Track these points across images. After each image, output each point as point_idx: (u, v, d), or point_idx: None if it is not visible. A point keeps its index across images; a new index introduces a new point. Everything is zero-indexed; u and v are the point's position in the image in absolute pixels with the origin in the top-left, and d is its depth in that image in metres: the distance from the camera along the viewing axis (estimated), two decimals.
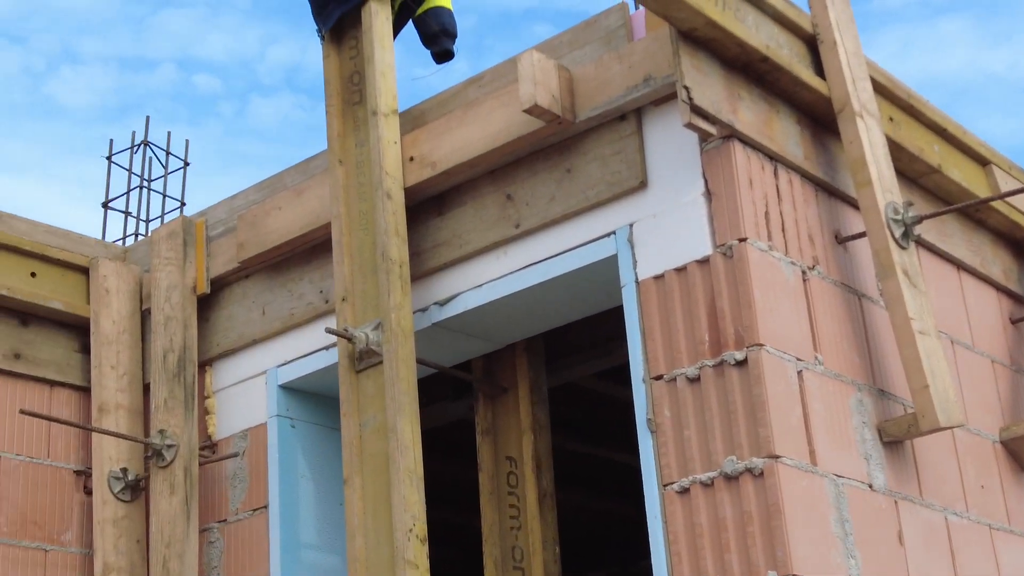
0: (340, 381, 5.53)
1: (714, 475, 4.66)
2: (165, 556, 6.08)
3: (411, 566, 5.07)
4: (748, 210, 4.84)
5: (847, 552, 4.70)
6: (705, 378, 4.76)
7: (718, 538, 4.60)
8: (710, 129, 4.82)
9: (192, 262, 6.54)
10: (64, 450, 6.54)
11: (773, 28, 5.18)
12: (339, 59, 5.99)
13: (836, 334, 5.08)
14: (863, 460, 4.96)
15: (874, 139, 5.22)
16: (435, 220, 5.71)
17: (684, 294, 4.89)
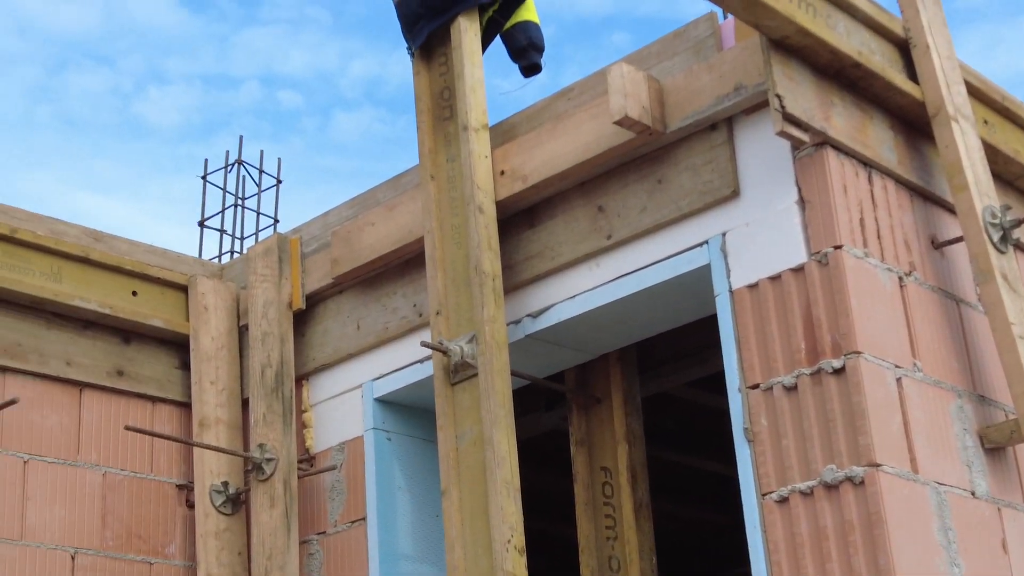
0: (436, 394, 5.49)
1: (813, 484, 4.57)
2: (267, 568, 6.07)
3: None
4: (843, 217, 4.74)
5: (950, 560, 4.59)
6: (802, 387, 4.67)
7: (819, 547, 4.51)
8: (803, 137, 4.74)
9: (288, 278, 6.53)
10: (167, 465, 6.55)
11: (864, 33, 5.08)
12: (429, 75, 5.95)
13: (935, 340, 4.96)
14: (965, 467, 4.84)
15: (970, 143, 5.10)
16: (527, 233, 5.65)
17: (779, 303, 4.80)
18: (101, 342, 6.47)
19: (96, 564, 6.15)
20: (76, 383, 6.34)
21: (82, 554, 6.13)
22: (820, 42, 4.79)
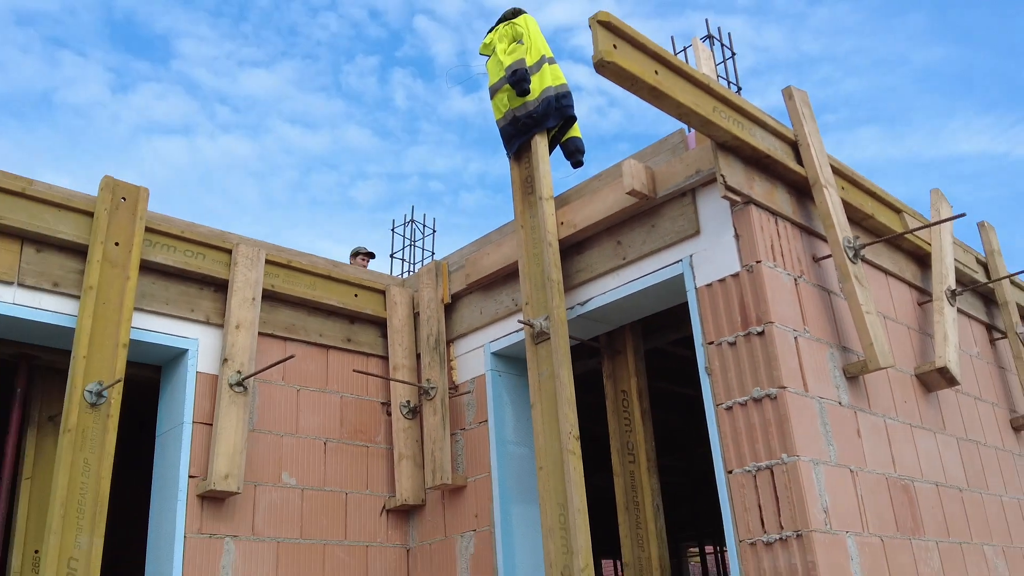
0: (526, 350, 5.37)
1: (747, 399, 4.39)
2: (432, 449, 5.98)
3: (571, 453, 4.88)
4: (761, 244, 4.56)
5: (827, 443, 4.40)
6: (739, 343, 4.50)
7: (751, 435, 4.36)
8: (737, 198, 4.58)
9: (440, 286, 6.43)
10: (375, 391, 6.48)
11: (771, 138, 4.89)
12: (519, 169, 5.83)
13: (816, 315, 4.75)
14: (835, 388, 4.63)
15: (834, 200, 4.89)
16: (576, 257, 5.51)
17: (725, 294, 4.63)
18: (338, 323, 6.41)
19: (338, 447, 6.09)
20: (324, 346, 6.28)
21: (330, 442, 6.07)
22: (746, 144, 4.63)
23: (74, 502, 4.64)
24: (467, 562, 5.72)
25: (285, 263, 6.10)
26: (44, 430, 5.51)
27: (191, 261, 5.60)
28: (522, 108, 5.69)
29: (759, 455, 4.29)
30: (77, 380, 4.80)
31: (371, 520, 6.07)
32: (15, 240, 4.99)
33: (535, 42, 5.82)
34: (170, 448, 5.41)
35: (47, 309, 5.02)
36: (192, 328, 5.60)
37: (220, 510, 5.34)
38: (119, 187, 5.33)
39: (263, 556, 5.44)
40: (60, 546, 4.52)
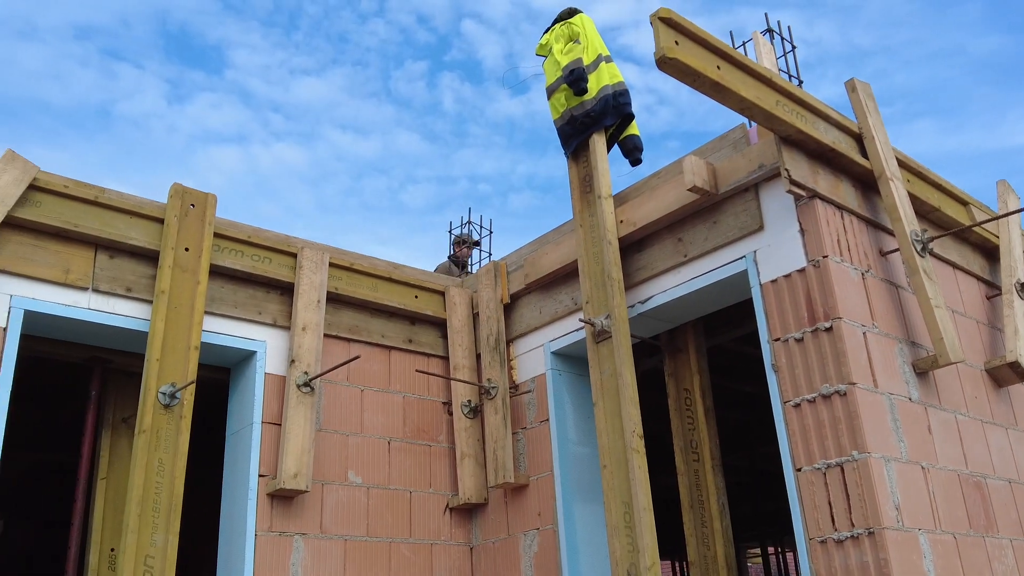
0: (588, 348, 5.37)
1: (816, 395, 4.34)
2: (494, 448, 6.02)
3: (635, 452, 4.87)
4: (827, 239, 4.51)
5: (899, 439, 4.33)
6: (806, 339, 4.45)
7: (820, 432, 4.30)
8: (802, 192, 4.53)
9: (499, 286, 6.47)
10: (436, 391, 6.54)
11: (835, 131, 4.83)
12: (577, 168, 5.84)
13: (884, 310, 4.68)
14: (904, 384, 4.56)
15: (900, 193, 4.81)
16: (635, 255, 5.50)
17: (790, 290, 4.58)
18: (400, 324, 6.49)
19: (401, 447, 6.17)
20: (387, 347, 6.36)
21: (393, 441, 6.15)
22: (810, 137, 4.58)
23: (150, 501, 4.77)
24: (531, 560, 5.75)
25: (348, 266, 6.20)
26: (118, 431, 5.67)
27: (258, 265, 5.73)
28: (580, 107, 5.70)
29: (829, 452, 4.24)
30: (151, 382, 4.94)
31: (435, 518, 6.13)
32: (89, 247, 5.15)
33: (592, 41, 5.83)
34: (240, 448, 5.53)
35: (120, 314, 5.17)
36: (260, 330, 5.72)
37: (289, 508, 5.44)
38: (188, 194, 5.47)
39: (331, 554, 5.53)
40: (137, 544, 4.66)
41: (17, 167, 4.88)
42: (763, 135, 4.86)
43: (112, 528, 5.43)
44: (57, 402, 7.52)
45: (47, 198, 5.01)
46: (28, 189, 4.92)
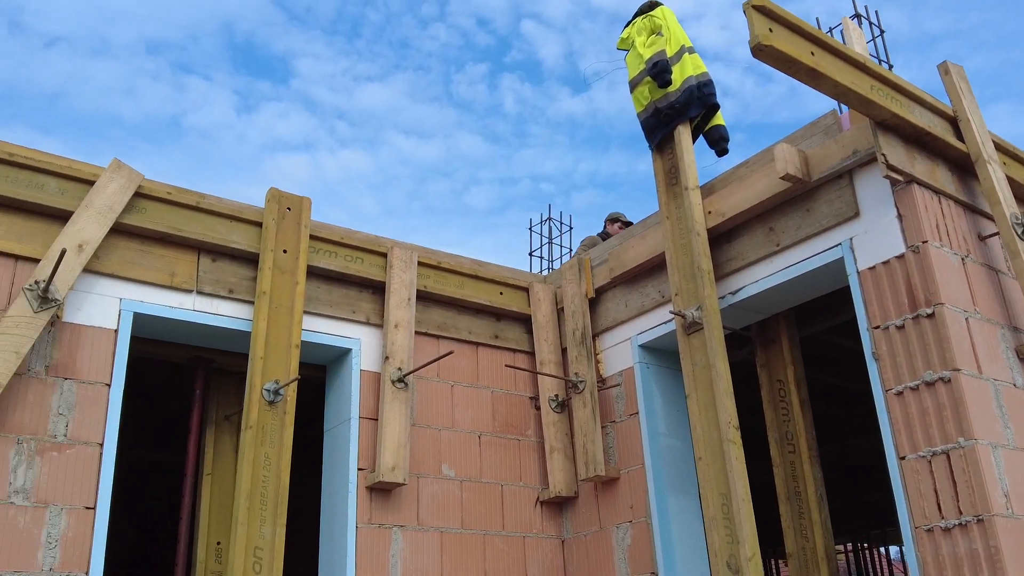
0: (679, 340, 5.41)
1: (919, 383, 4.31)
2: (583, 442, 6.10)
3: (732, 443, 4.90)
4: (926, 224, 4.48)
5: (1004, 425, 4.29)
6: (907, 326, 4.42)
7: (924, 420, 4.27)
8: (899, 177, 4.50)
9: (583, 280, 6.54)
10: (523, 385, 6.64)
11: (930, 115, 4.79)
12: (662, 160, 5.88)
13: (985, 295, 4.62)
14: (1008, 369, 4.51)
15: (998, 176, 4.75)
16: (725, 246, 5.52)
17: (889, 277, 4.56)
18: (486, 320, 6.61)
19: (491, 441, 6.28)
20: (474, 343, 6.48)
21: (484, 435, 6.27)
22: (905, 121, 4.55)
23: (257, 494, 4.97)
24: (624, 553, 5.81)
25: (435, 264, 6.34)
26: (221, 428, 5.91)
27: (350, 265, 5.91)
28: (664, 99, 5.74)
29: (933, 440, 4.21)
30: (256, 379, 5.15)
31: (526, 511, 6.24)
32: (192, 251, 5.39)
33: (674, 33, 5.86)
34: (338, 443, 5.71)
35: (223, 314, 5.39)
36: (354, 328, 5.90)
37: (387, 501, 5.60)
38: (284, 198, 5.67)
39: (428, 545, 5.68)
40: (247, 536, 4.86)
41: (123, 175, 5.14)
42: (855, 121, 4.84)
43: (217, 522, 5.66)
44: (155, 401, 7.83)
45: (151, 204, 5.26)
46: (133, 196, 5.17)
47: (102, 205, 4.96)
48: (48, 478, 4.55)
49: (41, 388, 4.68)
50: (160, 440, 7.94)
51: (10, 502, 4.43)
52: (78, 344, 4.85)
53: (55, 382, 4.73)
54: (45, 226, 4.91)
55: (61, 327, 4.83)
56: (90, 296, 4.96)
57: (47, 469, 4.57)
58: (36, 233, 4.87)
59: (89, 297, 4.95)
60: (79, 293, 4.91)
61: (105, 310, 4.98)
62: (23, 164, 4.86)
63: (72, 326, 4.86)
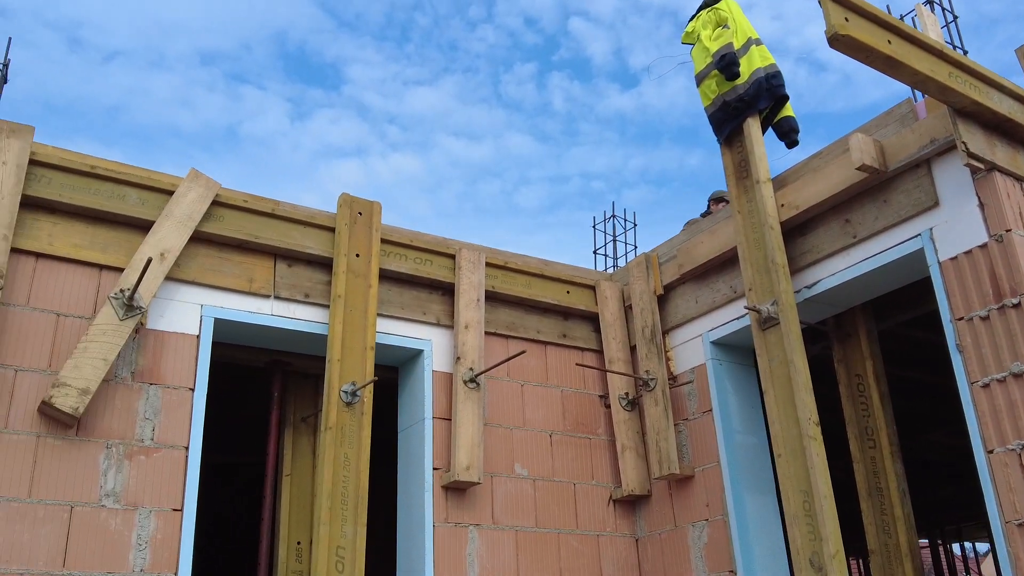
0: (754, 336, 5.37)
1: (1005, 375, 4.23)
2: (656, 440, 6.10)
3: (812, 439, 4.86)
4: (1009, 212, 4.40)
5: None
6: (992, 317, 4.34)
7: (1012, 413, 4.18)
8: (980, 165, 4.43)
9: (651, 277, 6.54)
10: (592, 384, 6.66)
11: (1010, 101, 4.69)
12: (731, 154, 5.85)
13: None
14: None
15: None
16: (799, 239, 5.47)
17: (972, 266, 4.48)
18: (553, 319, 6.64)
19: (562, 440, 6.31)
20: (542, 342, 6.52)
21: (555, 434, 6.30)
22: (985, 108, 4.47)
23: (338, 494, 5.08)
24: (701, 551, 5.79)
25: (502, 264, 6.40)
26: (299, 430, 6.05)
27: (420, 267, 5.99)
28: (732, 92, 5.71)
29: (1023, 432, 4.13)
30: (333, 381, 5.26)
31: (599, 510, 6.25)
32: (268, 257, 5.52)
33: (740, 24, 5.83)
34: (413, 443, 5.80)
35: (299, 318, 5.52)
36: (425, 330, 5.98)
37: (462, 500, 5.67)
38: (355, 203, 5.78)
39: (503, 544, 5.74)
40: (329, 536, 4.97)
41: (200, 185, 5.29)
42: (932, 108, 4.76)
43: (297, 522, 5.79)
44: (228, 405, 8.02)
45: (228, 212, 5.40)
46: (211, 205, 5.31)
47: (182, 214, 5.11)
48: (137, 481, 4.71)
49: (128, 394, 4.85)
50: (234, 443, 8.12)
51: (101, 505, 4.60)
52: (162, 350, 5.01)
53: (141, 388, 4.89)
54: (127, 236, 5.08)
55: (145, 334, 5.00)
56: (172, 303, 5.12)
57: (135, 472, 4.73)
58: (119, 243, 5.05)
59: (171, 304, 5.11)
60: (161, 300, 5.07)
61: (187, 316, 5.14)
62: (105, 176, 5.04)
63: (156, 333, 5.02)
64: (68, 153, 5.07)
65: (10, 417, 4.53)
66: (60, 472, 4.56)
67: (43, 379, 4.65)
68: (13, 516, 4.37)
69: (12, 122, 4.88)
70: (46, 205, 4.90)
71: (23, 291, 4.76)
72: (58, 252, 4.88)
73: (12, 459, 4.46)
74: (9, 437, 4.49)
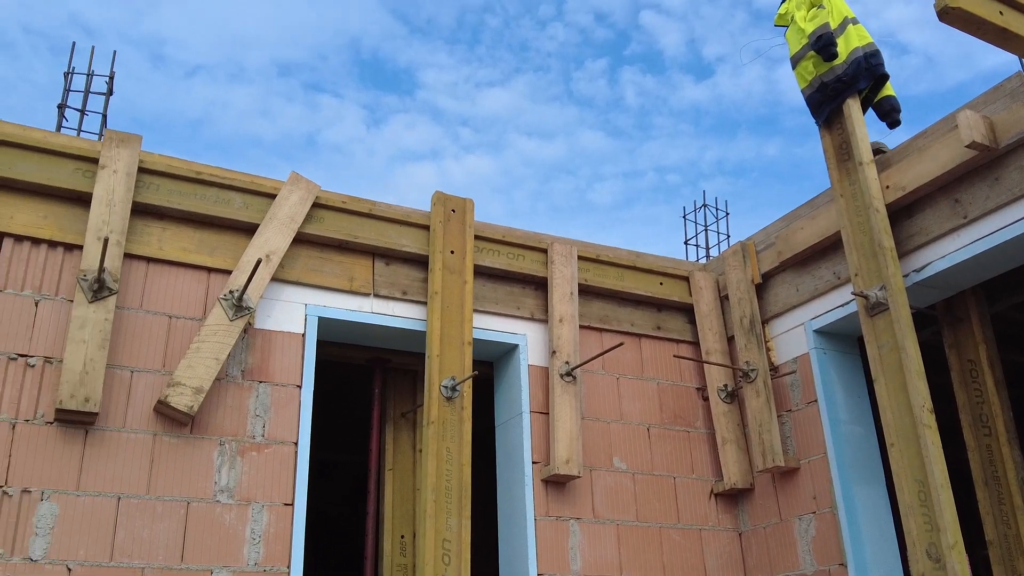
0: (862, 323, 5.25)
1: None
2: (759, 432, 6.01)
3: (926, 427, 4.74)
4: None
5: None
6: None
7: None
8: None
9: (748, 266, 6.45)
10: (688, 377, 6.61)
11: None
12: (831, 136, 5.72)
13: None
14: None
15: None
16: (904, 221, 5.33)
17: None
18: (646, 311, 6.61)
19: (660, 433, 6.28)
20: (637, 335, 6.49)
21: (652, 427, 6.28)
22: None
23: (442, 488, 5.16)
24: (808, 544, 5.69)
25: (594, 257, 6.40)
26: (398, 425, 6.16)
27: (513, 263, 6.04)
28: (830, 73, 5.59)
29: None
30: (434, 376, 5.34)
31: (700, 503, 6.20)
32: (367, 256, 5.64)
33: (835, 4, 5.70)
34: (512, 436, 5.85)
35: (397, 315, 5.63)
36: (519, 324, 6.03)
37: (562, 494, 5.70)
38: (448, 200, 5.86)
39: (605, 538, 5.74)
40: (435, 529, 5.05)
41: (301, 187, 5.44)
42: None
43: (400, 516, 5.90)
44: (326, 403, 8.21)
45: (328, 213, 5.54)
46: (311, 207, 5.46)
47: (285, 216, 5.27)
48: (249, 477, 4.88)
49: (238, 392, 5.02)
50: (333, 440, 8.31)
51: (216, 500, 4.78)
52: (269, 349, 5.17)
53: (251, 385, 5.06)
54: (232, 239, 5.26)
55: (253, 333, 5.16)
56: (277, 303, 5.28)
57: (248, 468, 4.89)
58: (225, 246, 5.23)
59: (277, 304, 5.27)
60: (267, 301, 5.24)
61: (292, 316, 5.29)
62: (210, 181, 5.22)
63: (263, 332, 5.19)
64: (174, 160, 5.27)
65: (128, 416, 4.74)
66: (176, 469, 4.75)
67: (157, 379, 4.85)
68: (133, 512, 4.58)
69: (121, 132, 5.11)
70: (155, 211, 5.11)
71: (136, 295, 4.98)
72: (168, 256, 5.09)
73: (131, 457, 4.67)
74: (128, 436, 4.70)
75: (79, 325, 4.60)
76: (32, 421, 4.56)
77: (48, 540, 4.40)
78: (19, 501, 4.41)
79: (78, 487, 4.53)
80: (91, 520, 4.50)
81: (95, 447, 4.61)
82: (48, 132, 5.13)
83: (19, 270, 4.80)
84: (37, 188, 4.88)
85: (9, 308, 4.71)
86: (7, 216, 4.82)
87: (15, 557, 4.32)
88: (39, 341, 4.71)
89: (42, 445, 4.53)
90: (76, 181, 4.93)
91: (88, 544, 4.46)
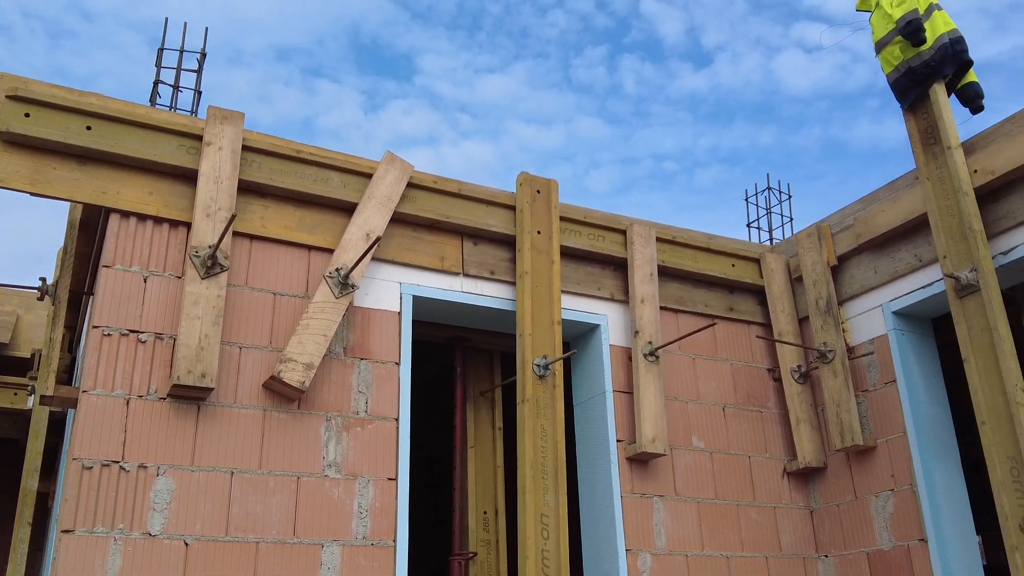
0: (951, 304, 5.54)
1: None
2: (836, 411, 6.31)
3: (1020, 405, 5.05)
4: None
5: None
6: None
7: None
8: None
9: (823, 248, 6.72)
10: (760, 358, 6.91)
11: None
12: (916, 121, 5.99)
13: None
14: None
15: None
16: (992, 205, 5.61)
17: None
18: (719, 293, 6.91)
19: (735, 413, 6.59)
20: (710, 316, 6.78)
21: (727, 407, 6.58)
22: None
23: (538, 464, 5.45)
24: (885, 521, 6.02)
25: (670, 239, 6.67)
26: (477, 404, 6.45)
27: (595, 243, 6.31)
28: (916, 58, 5.86)
29: None
30: (527, 355, 5.62)
31: (774, 482, 6.52)
32: (456, 236, 5.90)
33: None
34: (594, 415, 6.14)
35: (485, 294, 5.89)
36: (600, 304, 6.31)
37: (645, 472, 6.00)
38: (534, 181, 6.12)
39: (687, 515, 6.05)
40: (534, 504, 5.35)
41: (396, 167, 5.69)
42: None
43: (482, 492, 6.20)
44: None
45: (419, 193, 5.79)
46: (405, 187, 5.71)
47: (382, 196, 5.52)
48: (354, 452, 5.15)
49: (342, 368, 5.29)
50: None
51: (325, 475, 5.05)
52: (369, 326, 5.44)
53: (353, 362, 5.33)
54: (331, 217, 5.51)
55: (352, 311, 5.43)
56: (375, 281, 5.54)
57: (353, 443, 5.16)
58: (325, 224, 5.48)
59: (374, 282, 5.54)
60: (366, 279, 5.50)
61: (389, 294, 5.56)
62: (310, 160, 5.47)
63: (363, 310, 5.45)
64: (275, 139, 5.51)
65: (238, 392, 5.00)
66: (285, 444, 5.01)
67: (264, 355, 5.11)
68: (246, 487, 4.83)
69: (224, 108, 5.33)
70: (257, 189, 5.35)
71: (241, 272, 5.22)
72: (271, 234, 5.33)
73: (243, 432, 4.93)
74: (239, 411, 4.96)
75: (193, 301, 4.84)
76: (146, 397, 4.80)
77: (165, 516, 4.62)
78: (136, 477, 4.64)
79: (192, 462, 4.77)
80: (206, 495, 4.73)
81: (208, 422, 4.86)
82: (151, 108, 5.37)
83: (127, 246, 5.02)
84: (142, 164, 5.09)
85: (119, 284, 4.93)
86: (114, 192, 5.04)
87: (135, 532, 4.53)
88: (149, 317, 4.93)
89: (156, 421, 4.76)
90: (181, 157, 5.15)
91: (204, 519, 4.68)
